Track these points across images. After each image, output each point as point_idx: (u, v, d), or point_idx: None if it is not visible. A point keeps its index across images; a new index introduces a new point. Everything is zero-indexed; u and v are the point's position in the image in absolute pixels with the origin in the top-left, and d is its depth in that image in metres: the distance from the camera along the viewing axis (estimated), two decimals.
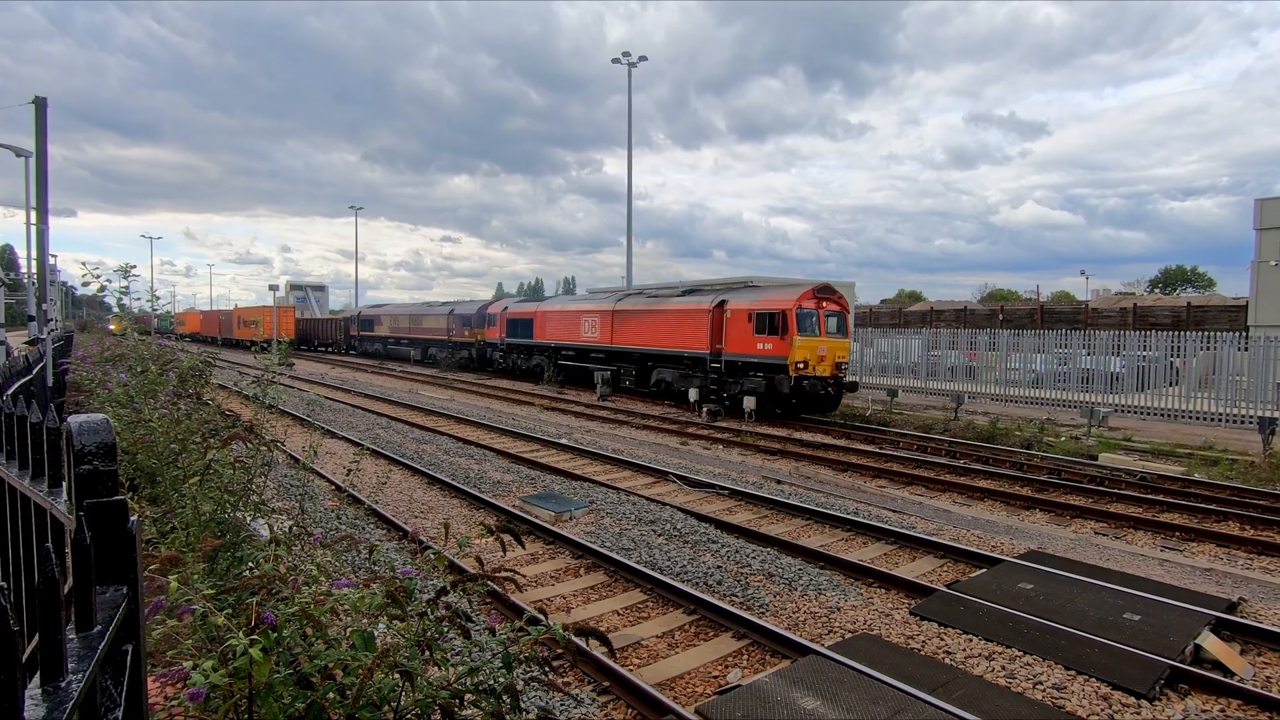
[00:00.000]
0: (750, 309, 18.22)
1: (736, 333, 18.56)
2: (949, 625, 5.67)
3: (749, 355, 18.15)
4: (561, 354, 26.43)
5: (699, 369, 19.82)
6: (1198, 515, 9.84)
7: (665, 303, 21.45)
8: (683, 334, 20.20)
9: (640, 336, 22.02)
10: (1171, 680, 4.89)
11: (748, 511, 9.34)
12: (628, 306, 23.06)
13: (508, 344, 30.06)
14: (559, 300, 29.23)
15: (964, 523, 9.27)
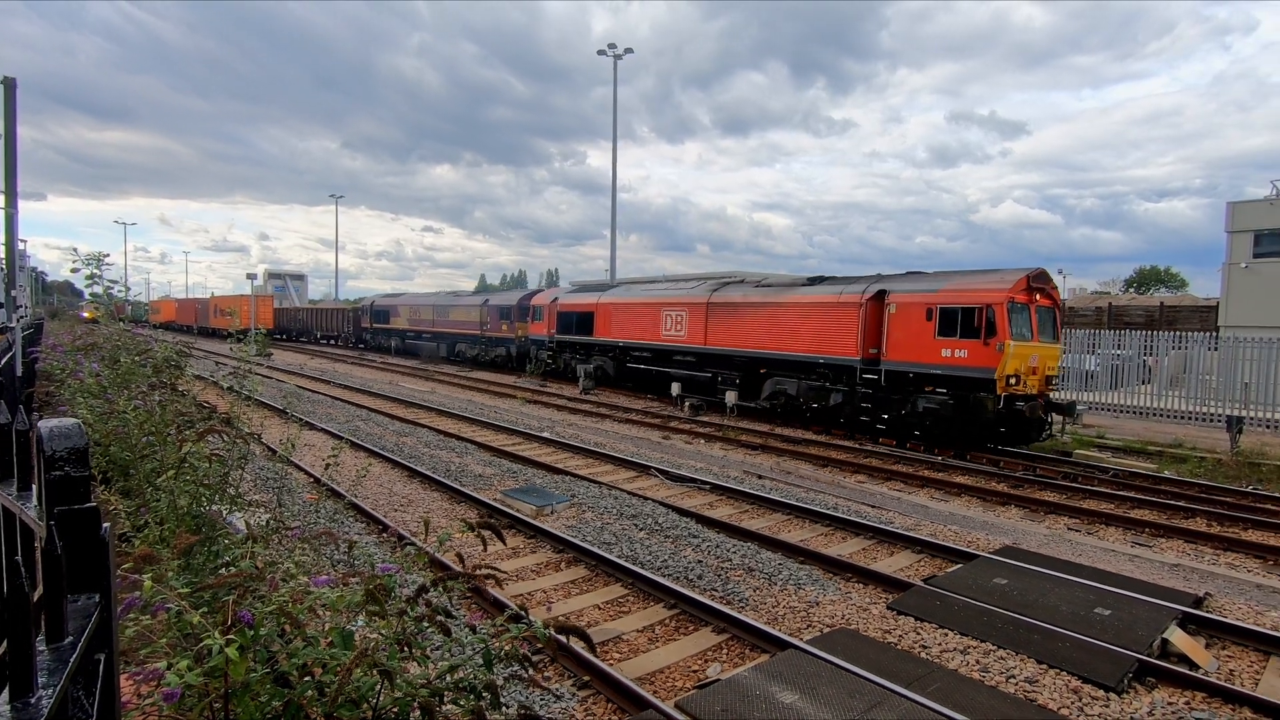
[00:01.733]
0: (931, 302, 13.71)
1: (906, 334, 13.99)
2: (925, 620, 5.75)
3: (926, 364, 13.67)
4: (631, 355, 22.02)
5: (842, 380, 15.39)
6: (1167, 512, 10.06)
7: (788, 294, 16.85)
8: (817, 334, 15.68)
9: (748, 336, 17.54)
10: (1140, 673, 5.00)
11: (729, 506, 9.39)
12: (730, 298, 18.38)
13: (559, 341, 25.55)
14: (628, 290, 23.72)
15: (941, 518, 9.39)
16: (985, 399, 12.84)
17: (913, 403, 13.96)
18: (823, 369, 15.82)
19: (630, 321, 21.96)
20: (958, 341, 13.22)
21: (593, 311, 23.65)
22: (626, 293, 23.22)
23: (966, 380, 13.11)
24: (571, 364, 25.02)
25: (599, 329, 23.36)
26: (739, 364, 18.14)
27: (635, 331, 21.77)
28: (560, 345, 25.74)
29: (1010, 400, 12.77)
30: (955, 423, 13.34)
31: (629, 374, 22.53)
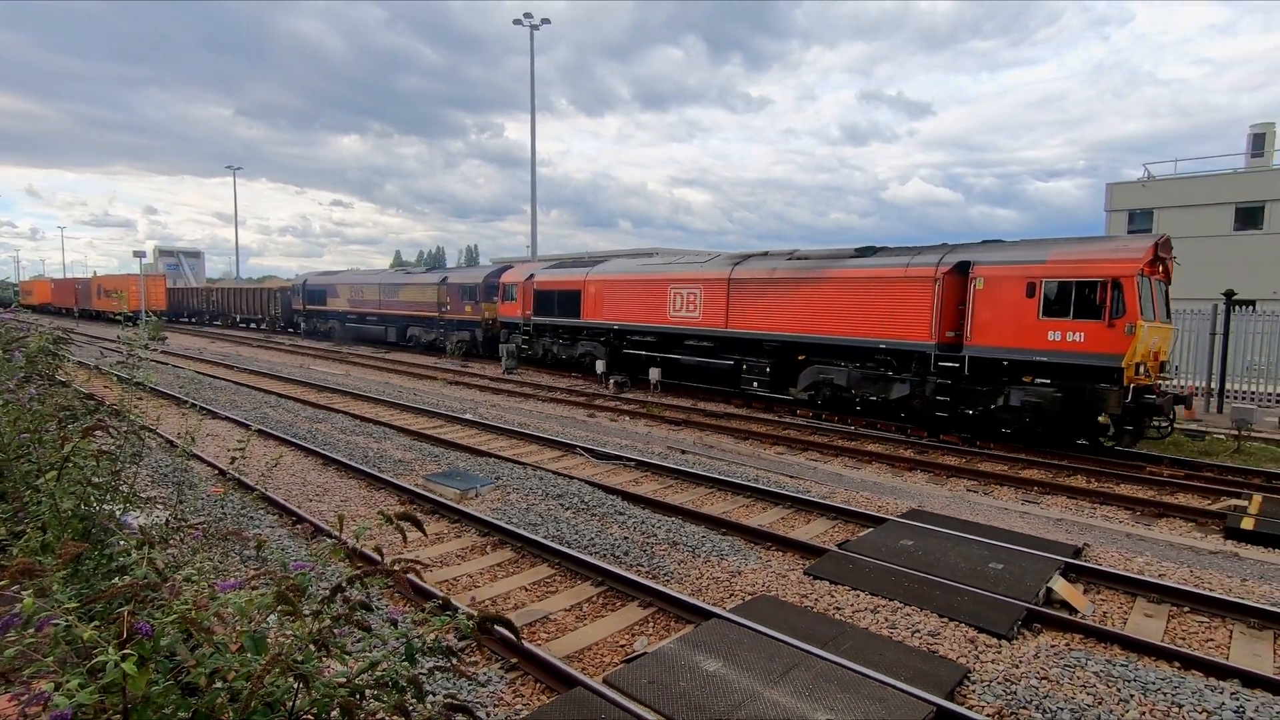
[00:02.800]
0: (1034, 275, 11.51)
1: (999, 313, 11.86)
2: (839, 583, 6.07)
3: (1026, 350, 11.58)
4: (628, 340, 19.47)
5: (909, 368, 13.28)
6: (1053, 471, 10.96)
7: (835, 267, 14.37)
8: (876, 314, 13.42)
9: (783, 317, 15.12)
10: (1028, 620, 5.47)
11: (654, 482, 9.55)
12: (758, 273, 15.81)
13: (537, 324, 22.72)
14: (624, 265, 20.84)
15: (854, 485, 9.88)
16: (1108, 391, 10.85)
17: (1006, 395, 11.86)
18: (883, 355, 13.61)
19: (627, 301, 19.17)
20: (1071, 323, 11.14)
21: (579, 290, 20.78)
22: (622, 267, 20.44)
23: (1080, 369, 11.12)
24: (552, 350, 22.25)
25: (587, 310, 20.53)
26: (770, 350, 15.74)
27: (634, 312, 18.96)
28: (538, 329, 22.85)
29: (1139, 394, 10.97)
30: (1063, 418, 11.40)
31: (625, 362, 19.78)
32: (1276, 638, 5.39)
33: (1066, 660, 4.80)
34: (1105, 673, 4.63)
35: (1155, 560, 6.98)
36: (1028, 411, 11.67)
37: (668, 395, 18.50)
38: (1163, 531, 8.36)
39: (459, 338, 27.37)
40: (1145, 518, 8.93)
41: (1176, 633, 5.50)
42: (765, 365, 15.86)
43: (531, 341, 23.21)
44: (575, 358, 21.50)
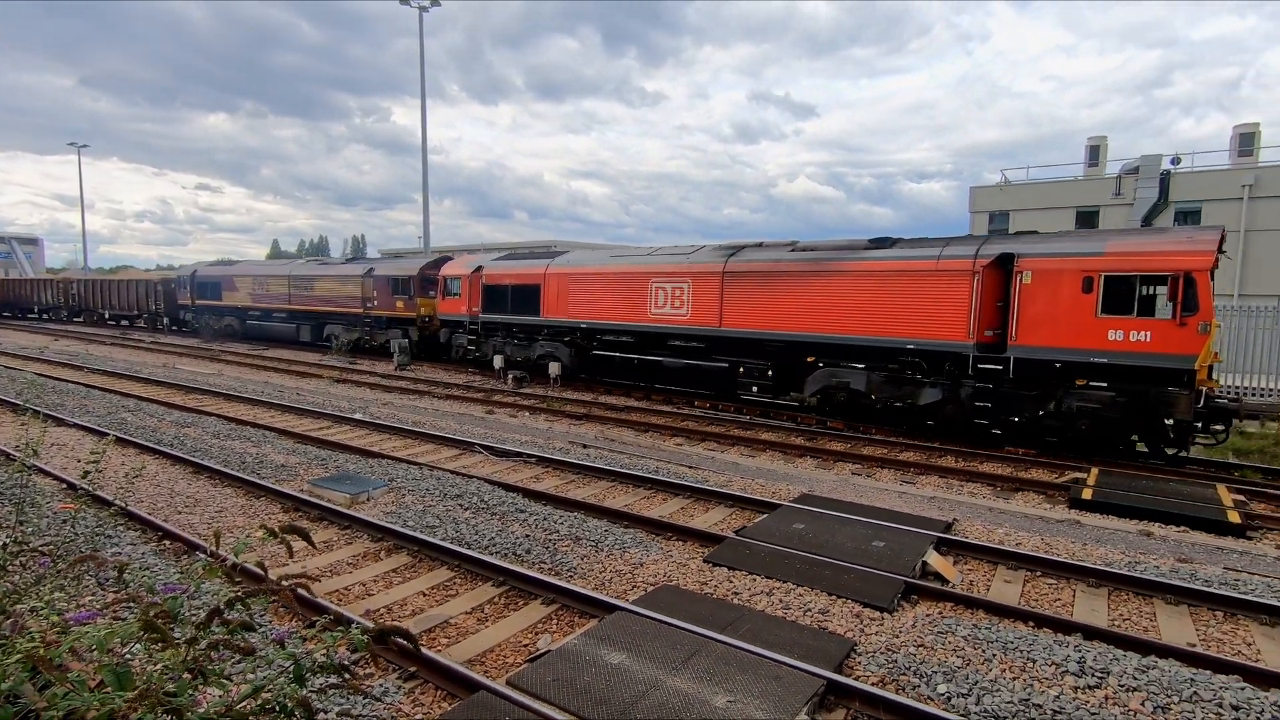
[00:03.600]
0: (1091, 268, 10.50)
1: (1051, 310, 10.85)
2: (737, 568, 6.30)
3: (1083, 350, 10.59)
4: (599, 340, 17.52)
5: (941, 371, 12.13)
6: (926, 453, 11.86)
7: (850, 259, 13.09)
8: (902, 311, 12.26)
9: (789, 315, 13.71)
10: (906, 593, 5.90)
11: (555, 478, 9.50)
12: (758, 265, 14.35)
13: (486, 323, 20.28)
14: (592, 256, 18.62)
15: (750, 473, 10.26)
16: (1178, 395, 10.04)
17: (1057, 400, 10.97)
18: (910, 357, 12.40)
19: (599, 297, 17.16)
20: (1134, 320, 10.21)
21: (538, 284, 18.63)
22: (590, 259, 18.29)
23: (1145, 371, 10.23)
24: (505, 352, 19.85)
25: (548, 306, 18.41)
26: (773, 351, 14.28)
27: (606, 310, 16.99)
28: (487, 328, 20.39)
29: (1210, 399, 10.25)
30: (1124, 425, 10.59)
31: (595, 364, 17.76)
32: (1110, 594, 6.12)
33: (939, 627, 5.23)
34: (972, 636, 5.09)
35: (1013, 531, 7.71)
36: (1083, 418, 10.75)
37: (569, 390, 18.42)
38: (1019, 504, 9.25)
39: (391, 336, 24.34)
40: (1005, 492, 9.85)
41: (1031, 595, 6.12)
42: (766, 368, 14.35)
43: (479, 342, 20.76)
44: (533, 360, 19.17)
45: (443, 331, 22.43)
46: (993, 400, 11.52)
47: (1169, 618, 5.67)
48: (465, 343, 21.30)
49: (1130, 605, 5.92)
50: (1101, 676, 4.54)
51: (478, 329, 20.82)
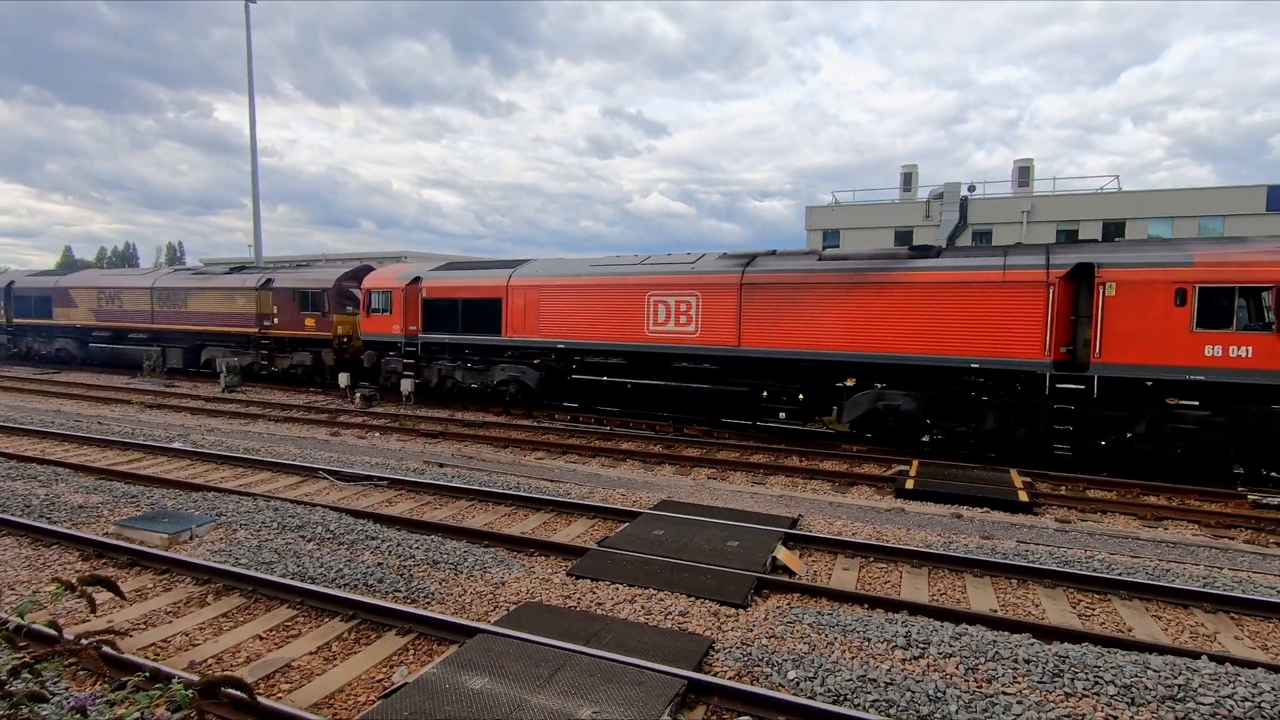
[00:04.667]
0: (1183, 280, 9.90)
1: (1141, 324, 10.15)
2: (600, 579, 6.35)
3: (1177, 368, 9.97)
4: (582, 362, 15.37)
5: (1010, 392, 11.34)
6: (774, 455, 12.64)
7: (900, 269, 11.94)
8: (964, 327, 11.31)
9: (823, 331, 12.42)
10: (759, 588, 6.25)
11: (410, 500, 9.06)
12: (784, 275, 12.89)
13: (428, 344, 17.46)
14: (567, 266, 15.94)
15: (611, 483, 10.39)
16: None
17: (1147, 421, 10.34)
18: (974, 377, 11.53)
19: (579, 312, 15.02)
20: (1234, 335, 9.63)
21: (498, 298, 16.16)
22: (566, 269, 15.74)
23: (1247, 389, 9.72)
24: (454, 377, 17.13)
25: (513, 324, 15.89)
26: (803, 372, 12.94)
27: (590, 327, 14.82)
28: (430, 350, 17.56)
29: None
30: (1225, 447, 10.02)
31: (573, 390, 15.58)
32: (930, 572, 6.86)
33: (788, 617, 5.60)
34: (816, 622, 5.49)
35: (850, 522, 8.43)
36: (1178, 440, 10.17)
37: (422, 407, 17.65)
38: (855, 497, 10.13)
39: (298, 359, 20.80)
40: (842, 487, 10.74)
41: (865, 580, 6.72)
42: (796, 390, 13.11)
43: (418, 366, 17.79)
44: (492, 387, 16.58)
45: (367, 355, 19.05)
46: (1074, 423, 10.78)
47: (976, 589, 6.46)
48: (399, 368, 18.07)
49: (946, 581, 6.67)
50: (924, 647, 5.08)
51: (416, 351, 17.74)
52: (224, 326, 22.27)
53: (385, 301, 18.16)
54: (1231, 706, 4.33)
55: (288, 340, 21.10)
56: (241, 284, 21.97)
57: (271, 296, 21.26)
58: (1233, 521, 8.98)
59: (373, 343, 18.80)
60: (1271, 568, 7.28)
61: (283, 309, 21.00)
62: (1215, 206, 30.97)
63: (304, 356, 20.70)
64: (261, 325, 21.42)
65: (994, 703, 4.33)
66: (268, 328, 21.34)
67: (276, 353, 21.48)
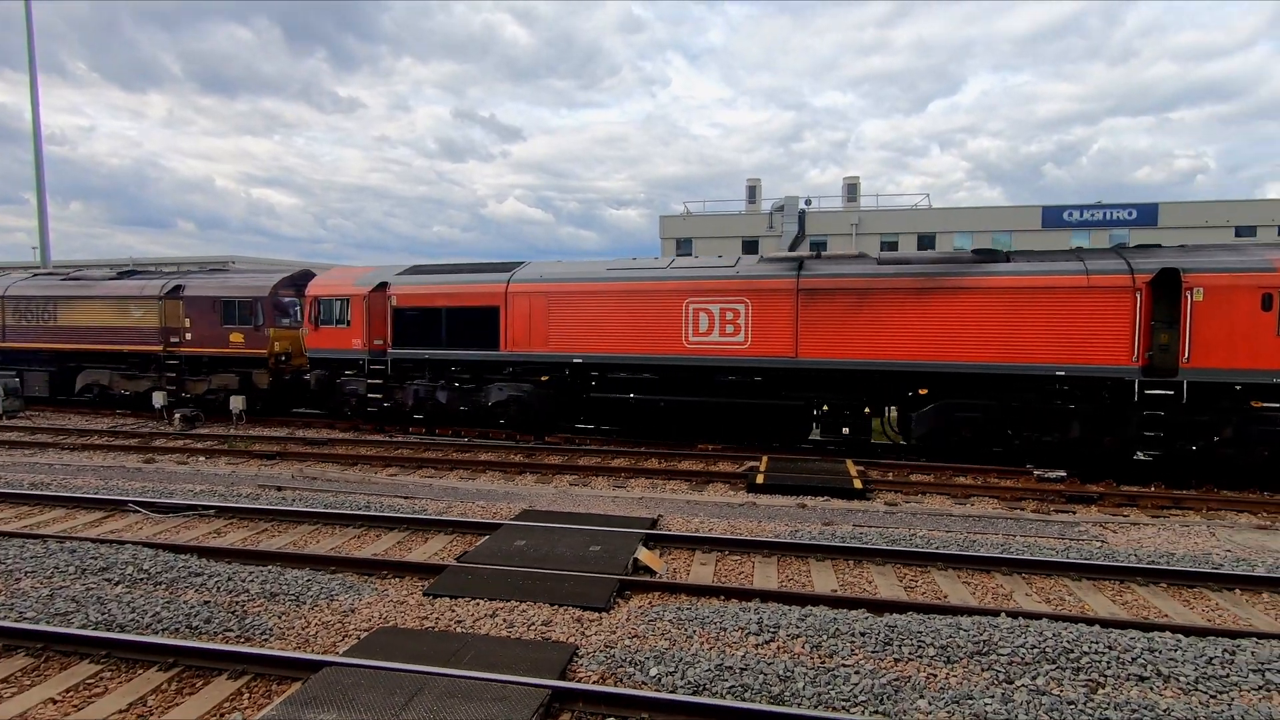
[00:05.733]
0: (1268, 285, 10.20)
1: (1228, 330, 10.33)
2: (459, 596, 6.14)
3: (1266, 372, 10.24)
4: (604, 378, 13.80)
5: (1094, 399, 11.19)
6: (634, 458, 12.89)
7: (974, 274, 11.56)
8: (1048, 333, 11.04)
9: (893, 340, 11.76)
10: (621, 590, 6.35)
11: (243, 529, 8.24)
12: (851, 280, 12.09)
13: (401, 360, 15.03)
14: (580, 269, 14.32)
15: (470, 495, 10.08)
16: None
17: (1233, 425, 10.48)
18: (1059, 385, 11.30)
19: (603, 320, 13.39)
20: None
21: (495, 306, 14.09)
22: (580, 272, 14.02)
23: None
24: (435, 398, 14.79)
25: (514, 336, 13.93)
26: (870, 384, 12.24)
27: (615, 339, 13.25)
28: (402, 368, 15.10)
29: None
30: None
31: (592, 410, 14.10)
32: (779, 560, 7.32)
33: (649, 616, 5.74)
34: (676, 618, 5.67)
35: (707, 519, 8.79)
36: (1263, 443, 10.44)
37: (257, 426, 16.13)
38: (711, 494, 10.58)
39: (221, 383, 17.16)
40: (699, 485, 11.17)
41: (721, 573, 7.03)
42: (861, 403, 12.40)
43: (387, 387, 15.25)
44: (487, 408, 14.40)
45: (314, 375, 16.07)
46: (1165, 429, 10.78)
47: (819, 572, 6.99)
48: (361, 390, 15.39)
49: (793, 567, 7.15)
50: (774, 631, 5.42)
51: (384, 369, 15.17)
52: (112, 344, 18.03)
53: (341, 312, 15.40)
54: (1024, 654, 5.02)
55: (206, 360, 17.46)
56: (139, 291, 17.98)
57: (182, 307, 17.47)
58: (1023, 494, 10.41)
59: (323, 360, 15.83)
60: (1051, 532, 8.53)
61: (199, 322, 17.34)
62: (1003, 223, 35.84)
63: (227, 379, 17.20)
64: (168, 342, 17.58)
65: (835, 675, 4.71)
66: (176, 345, 17.51)
67: (189, 375, 17.69)
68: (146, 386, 17.85)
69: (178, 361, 17.72)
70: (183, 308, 17.57)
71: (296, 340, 16.91)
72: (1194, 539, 8.30)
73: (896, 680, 4.69)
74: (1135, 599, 6.39)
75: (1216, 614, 6.10)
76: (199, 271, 19.59)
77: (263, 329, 16.83)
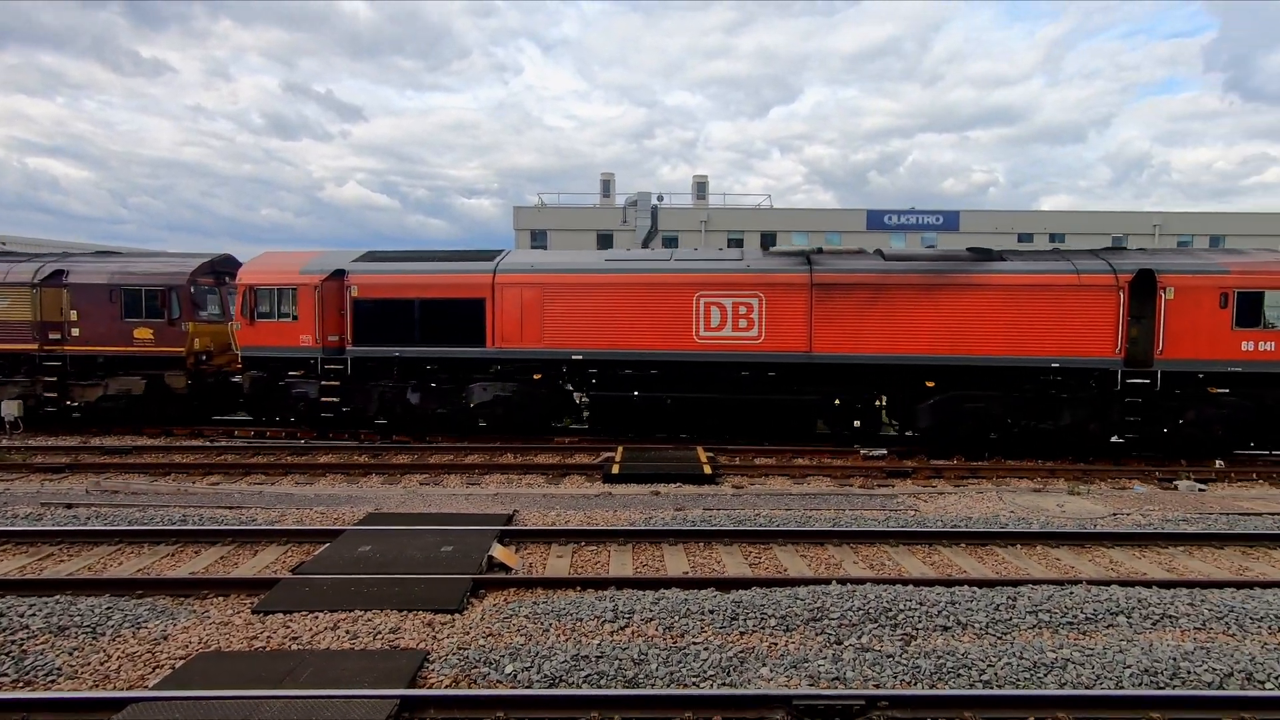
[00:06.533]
0: (1225, 285, 11.46)
1: (1193, 325, 11.52)
2: (295, 611, 5.67)
3: (1221, 361, 11.53)
4: (606, 375, 13.01)
5: (1083, 389, 12.05)
6: (489, 454, 12.60)
7: (980, 271, 12.11)
8: (1044, 328, 11.77)
9: (905, 335, 12.06)
10: (475, 589, 6.18)
11: (21, 556, 7.06)
12: (865, 276, 12.30)
13: (363, 359, 13.33)
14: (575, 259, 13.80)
15: (307, 502, 9.34)
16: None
17: (1197, 410, 11.73)
18: (1053, 376, 12.06)
19: (605, 315, 12.70)
20: (1261, 333, 11.45)
21: (480, 298, 12.95)
22: (578, 262, 13.37)
23: (1271, 378, 11.59)
24: (406, 400, 13.30)
25: (504, 331, 12.88)
26: (883, 377, 12.49)
27: (620, 334, 12.63)
28: (363, 367, 13.39)
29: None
30: (1253, 427, 11.83)
31: (593, 409, 13.30)
32: (634, 547, 7.49)
33: (504, 613, 5.64)
34: (532, 613, 5.63)
35: (563, 511, 8.79)
36: (1217, 423, 11.73)
37: (40, 434, 13.88)
38: (568, 487, 10.59)
39: (118, 388, 14.33)
40: (555, 479, 11.14)
41: (578, 564, 7.07)
42: (875, 398, 12.76)
43: (346, 390, 13.39)
44: (468, 409, 13.20)
45: (248, 377, 13.90)
46: (1143, 414, 11.88)
47: (672, 556, 7.24)
48: (312, 394, 13.46)
49: (648, 553, 7.35)
50: (629, 617, 5.54)
51: (343, 370, 13.40)
52: (32, 342, 14.69)
53: (285, 303, 13.45)
54: (851, 616, 5.53)
55: (101, 360, 14.59)
56: (2, 278, 14.80)
57: (66, 297, 14.53)
58: (851, 472, 11.44)
59: (261, 360, 13.70)
60: (875, 504, 9.45)
61: (91, 315, 14.51)
62: (835, 224, 39.00)
63: (130, 383, 14.42)
64: (46, 339, 14.60)
65: (686, 654, 4.90)
66: (58, 342, 14.57)
67: (77, 380, 14.66)
68: (15, 393, 14.52)
69: (62, 363, 14.65)
70: (67, 297, 14.57)
71: (219, 336, 14.85)
72: (986, 503, 9.56)
73: (742, 652, 4.97)
74: (941, 559, 7.25)
75: (1003, 566, 7.08)
76: (84, 255, 16.40)
77: (179, 323, 14.42)
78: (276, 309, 13.53)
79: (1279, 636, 5.42)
